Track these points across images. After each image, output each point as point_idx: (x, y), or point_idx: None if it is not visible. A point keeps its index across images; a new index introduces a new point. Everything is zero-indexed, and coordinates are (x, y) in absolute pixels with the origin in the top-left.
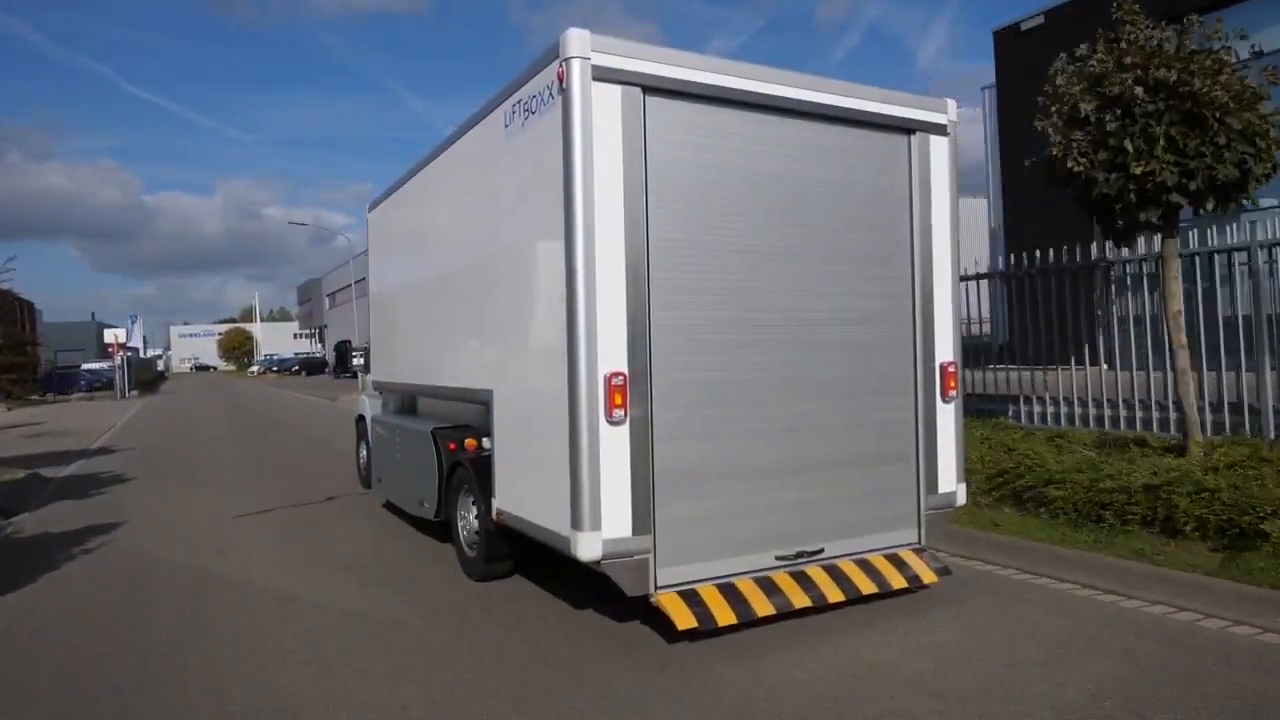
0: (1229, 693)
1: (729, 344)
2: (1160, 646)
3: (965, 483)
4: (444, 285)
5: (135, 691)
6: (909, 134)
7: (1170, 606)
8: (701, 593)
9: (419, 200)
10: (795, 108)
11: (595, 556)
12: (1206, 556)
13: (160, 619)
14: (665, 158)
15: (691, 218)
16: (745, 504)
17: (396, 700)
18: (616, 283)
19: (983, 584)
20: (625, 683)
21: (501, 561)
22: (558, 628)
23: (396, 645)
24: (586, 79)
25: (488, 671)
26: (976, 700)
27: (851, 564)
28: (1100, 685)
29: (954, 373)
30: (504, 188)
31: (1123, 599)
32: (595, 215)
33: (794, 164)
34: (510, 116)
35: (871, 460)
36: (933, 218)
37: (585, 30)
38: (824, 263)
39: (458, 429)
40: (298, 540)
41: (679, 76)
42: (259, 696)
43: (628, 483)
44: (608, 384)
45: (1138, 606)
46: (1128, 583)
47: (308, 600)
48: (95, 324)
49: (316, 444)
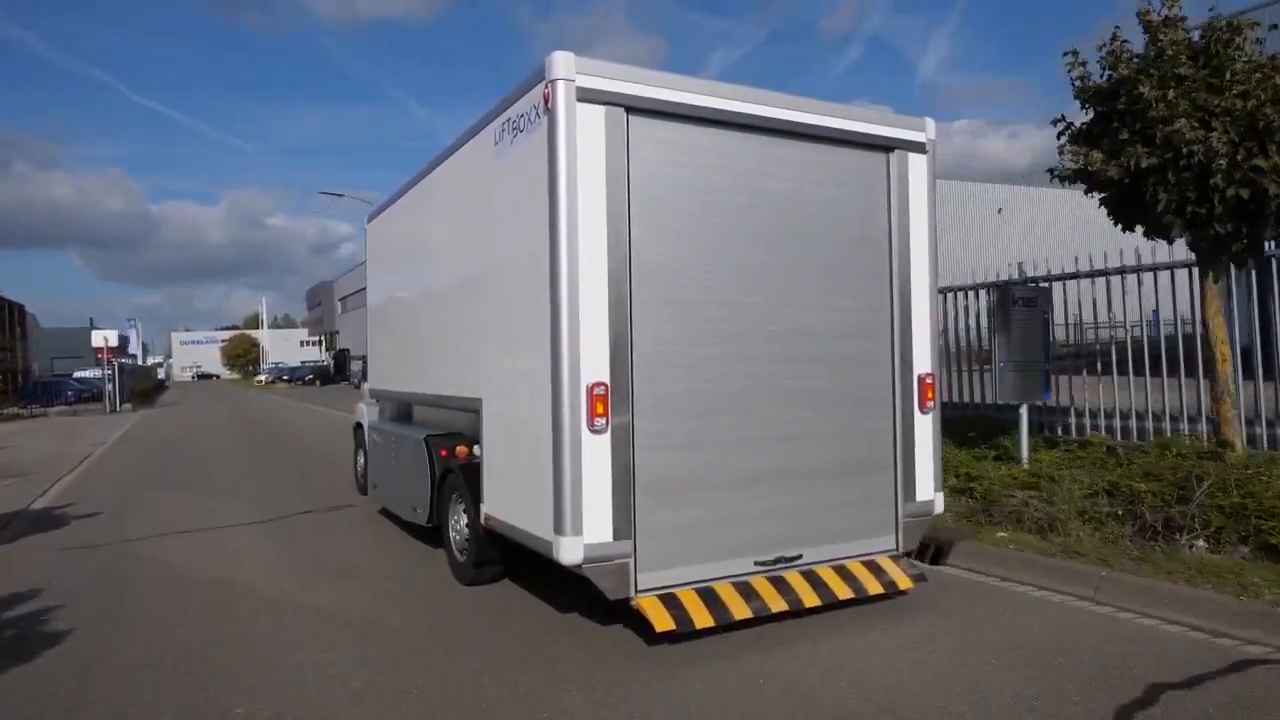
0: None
1: (710, 356)
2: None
3: (942, 491)
4: (437, 296)
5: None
6: (888, 152)
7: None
8: (680, 596)
9: (414, 213)
10: (776, 127)
11: (576, 560)
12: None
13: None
14: (648, 175)
15: (674, 234)
16: (726, 511)
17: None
18: (599, 296)
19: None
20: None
21: (491, 566)
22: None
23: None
24: (571, 100)
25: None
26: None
27: (830, 570)
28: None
29: (931, 384)
30: (494, 203)
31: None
32: (579, 231)
33: (775, 181)
34: (500, 134)
35: (850, 469)
36: (911, 233)
37: (570, 53)
38: (804, 277)
39: (450, 436)
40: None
41: (661, 97)
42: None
43: (609, 490)
44: (589, 394)
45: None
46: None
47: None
48: (92, 330)
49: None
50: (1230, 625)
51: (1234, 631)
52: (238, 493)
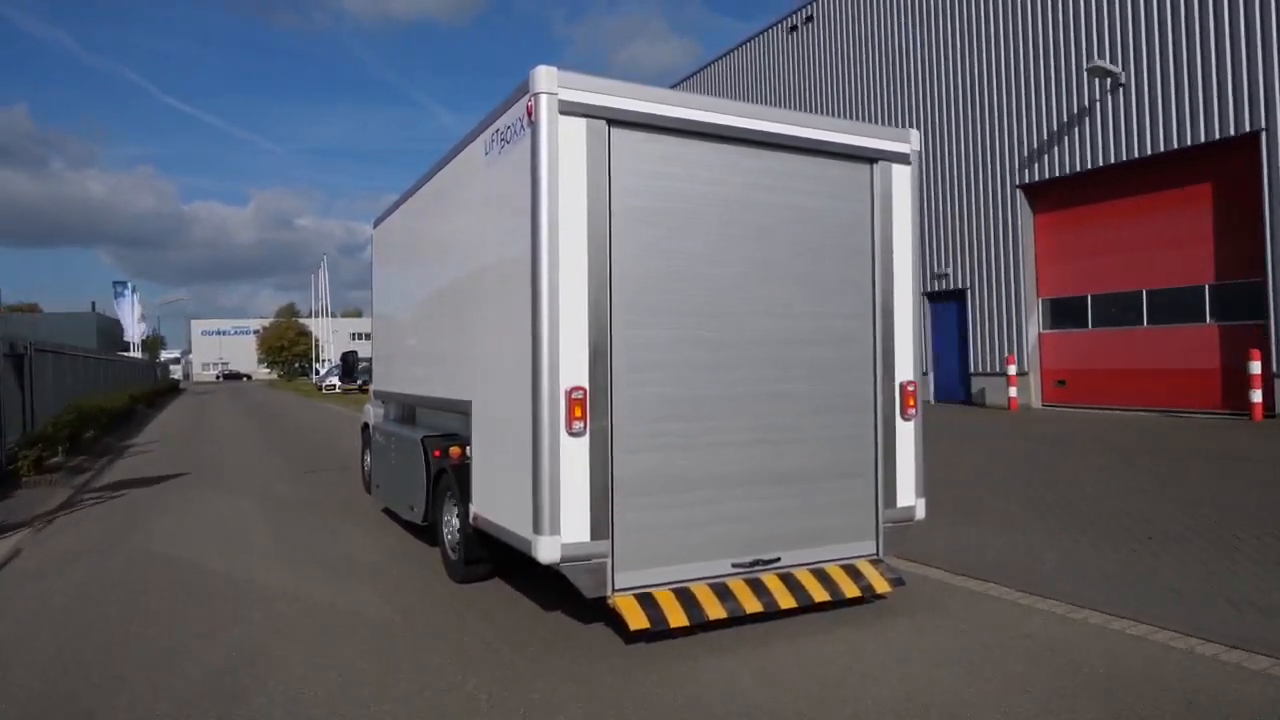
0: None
1: (691, 362)
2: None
3: (924, 497)
4: (433, 300)
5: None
6: (872, 163)
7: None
8: (657, 596)
9: (413, 219)
10: (758, 139)
11: (554, 559)
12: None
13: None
14: (630, 186)
15: (656, 243)
16: (704, 513)
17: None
18: (579, 303)
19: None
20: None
21: (481, 564)
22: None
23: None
24: (553, 113)
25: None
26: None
27: (807, 573)
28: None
29: (913, 392)
30: (482, 211)
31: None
32: (560, 240)
33: (759, 192)
34: (490, 144)
35: (831, 474)
36: (894, 243)
37: (553, 68)
38: (787, 285)
39: (446, 437)
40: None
41: (643, 110)
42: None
43: (586, 490)
44: (568, 398)
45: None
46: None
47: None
48: (96, 315)
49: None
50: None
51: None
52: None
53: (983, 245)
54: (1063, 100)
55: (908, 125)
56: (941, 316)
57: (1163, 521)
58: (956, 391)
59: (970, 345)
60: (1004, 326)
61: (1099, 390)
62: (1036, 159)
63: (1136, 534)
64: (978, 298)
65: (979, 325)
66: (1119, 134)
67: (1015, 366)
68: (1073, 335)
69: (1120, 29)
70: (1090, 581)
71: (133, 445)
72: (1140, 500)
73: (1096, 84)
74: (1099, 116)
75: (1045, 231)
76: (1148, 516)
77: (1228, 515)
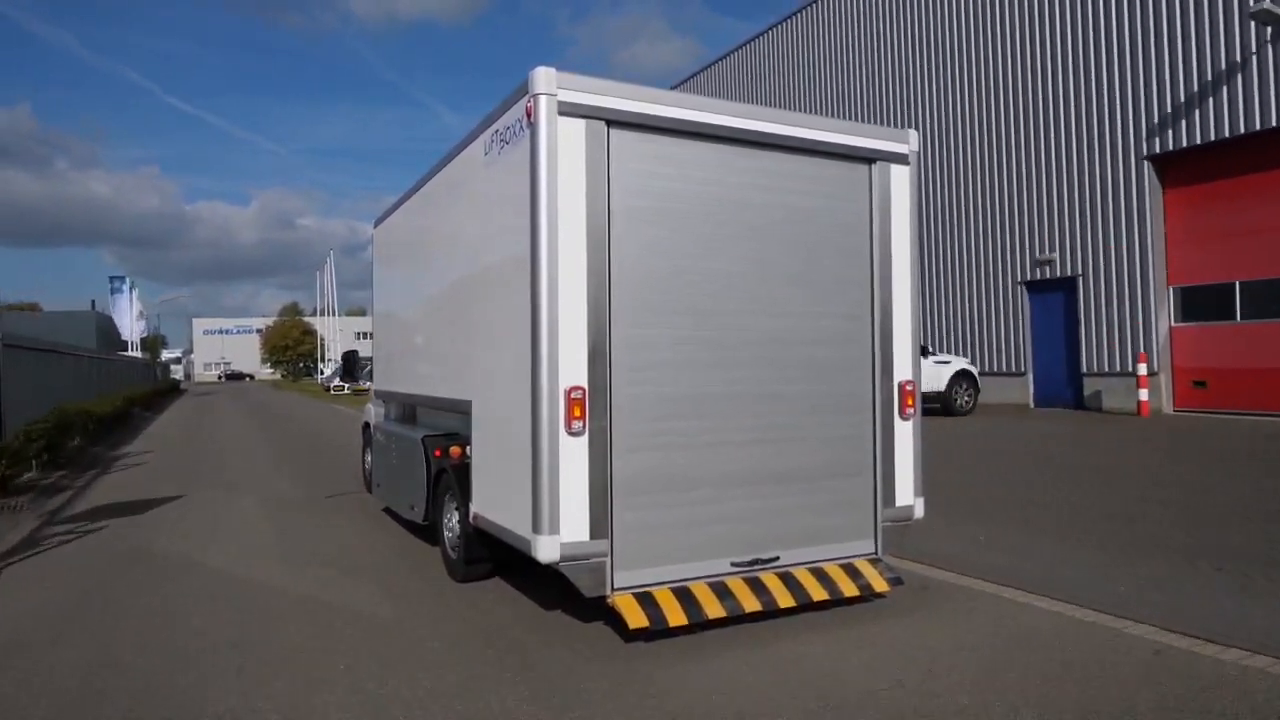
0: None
1: (691, 362)
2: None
3: (923, 496)
4: (433, 299)
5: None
6: (870, 163)
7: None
8: (656, 595)
9: (413, 219)
10: (757, 140)
11: (553, 558)
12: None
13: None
14: (629, 186)
15: (654, 243)
16: (704, 512)
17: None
18: (578, 303)
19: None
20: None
21: (481, 564)
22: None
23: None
24: (552, 114)
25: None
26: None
27: (806, 572)
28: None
29: (912, 391)
30: (482, 212)
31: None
32: (559, 240)
33: (757, 192)
34: (489, 145)
35: (830, 473)
36: (893, 243)
37: (552, 69)
38: (786, 285)
39: (446, 436)
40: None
41: (642, 111)
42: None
43: (585, 490)
44: (567, 398)
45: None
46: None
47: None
48: (95, 314)
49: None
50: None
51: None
52: None
53: (1099, 226)
54: (1206, 54)
55: (963, 107)
56: (1043, 308)
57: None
58: (1063, 393)
59: (1082, 341)
60: (1125, 319)
61: (1247, 393)
62: (1170, 125)
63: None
64: (1091, 286)
65: (1093, 318)
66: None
67: (1146, 365)
68: (1214, 329)
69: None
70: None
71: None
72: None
73: (1254, 32)
74: (1255, 72)
75: (1176, 209)
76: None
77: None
